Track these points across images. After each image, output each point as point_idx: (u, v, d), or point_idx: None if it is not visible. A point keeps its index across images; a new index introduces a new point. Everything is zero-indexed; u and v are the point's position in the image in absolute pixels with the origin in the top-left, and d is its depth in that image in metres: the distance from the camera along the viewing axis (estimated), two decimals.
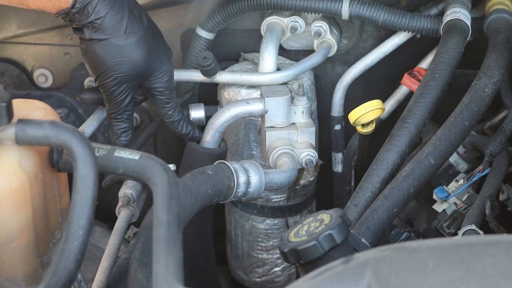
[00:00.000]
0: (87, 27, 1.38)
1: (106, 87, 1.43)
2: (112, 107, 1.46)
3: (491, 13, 1.55)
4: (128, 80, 1.42)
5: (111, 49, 1.39)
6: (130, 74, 1.42)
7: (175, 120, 1.52)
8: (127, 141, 1.51)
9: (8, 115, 0.99)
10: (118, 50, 1.39)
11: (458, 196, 1.43)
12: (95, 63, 1.41)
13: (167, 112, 1.51)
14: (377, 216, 1.21)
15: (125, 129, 1.49)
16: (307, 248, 1.03)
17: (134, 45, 1.40)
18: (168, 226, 0.98)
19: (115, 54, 1.40)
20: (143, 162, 1.06)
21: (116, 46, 1.39)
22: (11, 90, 1.85)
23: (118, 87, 1.42)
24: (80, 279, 1.28)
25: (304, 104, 1.53)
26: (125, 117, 1.48)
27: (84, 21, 1.37)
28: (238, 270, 1.78)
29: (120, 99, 1.44)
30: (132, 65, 1.41)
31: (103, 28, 1.38)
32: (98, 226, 1.79)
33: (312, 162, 1.52)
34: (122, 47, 1.40)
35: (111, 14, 1.37)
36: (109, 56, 1.40)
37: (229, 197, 1.36)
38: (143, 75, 1.44)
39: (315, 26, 1.67)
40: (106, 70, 1.41)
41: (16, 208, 1.01)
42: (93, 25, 1.37)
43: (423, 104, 1.38)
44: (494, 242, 0.88)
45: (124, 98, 1.44)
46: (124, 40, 1.39)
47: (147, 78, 1.46)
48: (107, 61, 1.40)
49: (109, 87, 1.42)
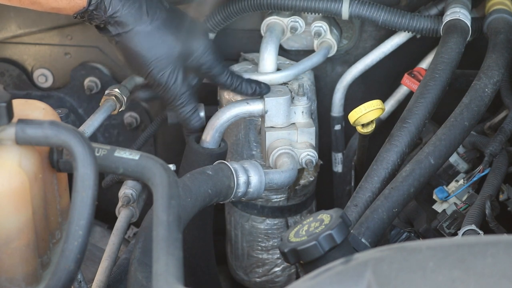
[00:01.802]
0: (109, 23, 1.37)
1: (151, 78, 1.41)
2: (168, 97, 1.44)
3: (491, 13, 1.55)
4: (169, 63, 1.41)
5: (139, 38, 1.38)
6: (167, 56, 1.40)
7: (237, 86, 1.51)
8: (200, 121, 1.50)
9: (8, 115, 0.99)
10: (146, 37, 1.38)
11: (458, 196, 1.43)
12: (131, 57, 1.40)
13: (226, 81, 1.50)
14: (377, 216, 1.21)
15: (191, 111, 1.48)
16: (307, 248, 1.03)
17: (161, 27, 1.39)
18: (168, 226, 0.98)
19: (145, 42, 1.39)
20: (143, 162, 1.06)
21: (143, 33, 1.38)
22: (11, 90, 1.85)
23: (163, 73, 1.41)
24: (80, 279, 1.28)
25: (304, 104, 1.53)
26: (185, 101, 1.46)
27: (104, 16, 1.36)
28: (238, 270, 1.78)
29: (170, 85, 1.42)
30: (165, 47, 1.40)
31: (124, 20, 1.37)
32: (98, 226, 1.79)
33: (312, 162, 1.52)
34: (149, 32, 1.38)
35: (128, 4, 1.36)
36: (140, 46, 1.39)
37: (229, 197, 1.36)
38: (182, 55, 1.42)
39: (315, 26, 1.67)
40: (143, 60, 1.40)
41: (16, 208, 1.01)
42: (114, 19, 1.37)
43: (423, 104, 1.38)
44: (494, 242, 0.88)
45: (174, 82, 1.42)
46: (150, 25, 1.38)
47: (188, 58, 1.43)
48: (140, 50, 1.39)
49: (153, 77, 1.41)
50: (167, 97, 1.46)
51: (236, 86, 1.51)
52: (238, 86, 1.51)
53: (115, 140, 1.90)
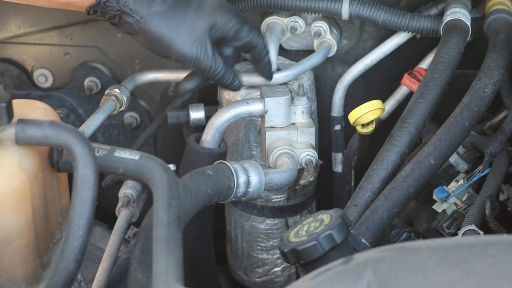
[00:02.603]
0: (124, 13, 1.35)
1: (180, 55, 1.39)
2: (203, 70, 1.42)
3: (491, 13, 1.55)
4: (193, 37, 1.38)
5: (157, 19, 1.37)
6: (189, 30, 1.38)
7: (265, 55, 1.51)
8: (239, 84, 1.50)
9: (8, 115, 0.99)
10: (163, 16, 1.37)
11: (458, 196, 1.43)
12: (154, 42, 1.39)
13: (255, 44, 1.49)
14: (377, 216, 1.21)
15: (230, 78, 1.47)
16: (307, 248, 1.03)
17: (176, 4, 1.37)
18: (168, 226, 0.98)
19: (164, 22, 1.37)
20: (143, 162, 1.06)
21: (159, 13, 1.36)
22: (11, 90, 1.85)
23: (190, 48, 1.39)
24: (80, 279, 1.28)
25: (304, 104, 1.53)
26: (221, 69, 1.44)
27: (117, 6, 1.35)
28: (238, 270, 1.78)
29: (200, 57, 1.40)
30: (185, 22, 1.38)
31: (138, 6, 1.35)
32: (98, 226, 1.79)
33: (312, 162, 1.52)
34: (165, 11, 1.37)
35: None
36: (160, 27, 1.37)
37: (229, 197, 1.36)
38: (204, 26, 1.40)
39: (315, 26, 1.67)
40: (167, 40, 1.38)
41: (16, 208, 1.01)
42: (128, 6, 1.35)
43: (423, 104, 1.38)
44: (494, 242, 0.88)
45: (204, 54, 1.40)
46: (164, 4, 1.37)
47: (212, 28, 1.41)
48: (161, 31, 1.37)
49: (181, 53, 1.39)
50: (202, 70, 1.43)
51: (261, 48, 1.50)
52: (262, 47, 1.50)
53: (115, 140, 1.90)
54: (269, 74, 1.55)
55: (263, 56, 1.52)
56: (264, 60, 1.52)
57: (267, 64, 1.53)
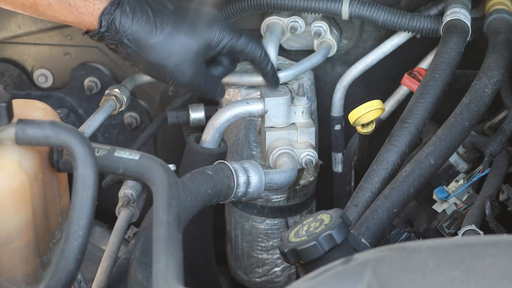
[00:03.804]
0: (121, 42, 1.37)
1: (178, 84, 1.42)
2: (198, 93, 1.47)
3: (491, 13, 1.55)
4: (190, 65, 1.40)
5: (155, 50, 1.38)
6: (186, 59, 1.39)
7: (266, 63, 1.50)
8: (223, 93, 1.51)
9: (8, 115, 0.99)
10: (161, 47, 1.38)
11: (458, 196, 1.43)
12: (151, 70, 1.41)
13: (254, 54, 1.48)
14: (377, 216, 1.21)
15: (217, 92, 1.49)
16: (307, 248, 1.03)
17: (173, 32, 1.38)
18: (168, 226, 0.98)
19: (162, 52, 1.38)
20: (143, 162, 1.06)
21: (157, 44, 1.37)
22: (11, 90, 1.85)
23: (187, 77, 1.41)
24: (80, 279, 1.28)
25: (304, 104, 1.53)
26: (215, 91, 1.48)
27: (116, 36, 1.36)
28: (238, 270, 1.78)
29: (199, 85, 1.43)
30: (182, 51, 1.39)
31: (136, 36, 1.37)
32: (98, 226, 1.79)
33: (312, 162, 1.52)
34: (163, 41, 1.38)
35: (136, 20, 1.36)
36: (158, 57, 1.38)
37: (229, 197, 1.36)
38: (200, 50, 1.41)
39: (315, 26, 1.67)
40: (164, 70, 1.40)
41: (16, 208, 1.01)
42: (126, 37, 1.36)
43: (423, 104, 1.38)
44: (494, 242, 0.88)
45: (201, 79, 1.42)
46: (160, 35, 1.38)
47: (208, 50, 1.42)
48: (158, 62, 1.39)
49: (180, 83, 1.42)
50: (194, 90, 1.47)
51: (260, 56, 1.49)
52: (261, 55, 1.49)
53: (115, 140, 1.90)
54: (273, 83, 1.54)
55: (264, 66, 1.50)
56: (265, 70, 1.51)
57: (269, 73, 1.52)
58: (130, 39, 1.37)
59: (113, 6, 1.35)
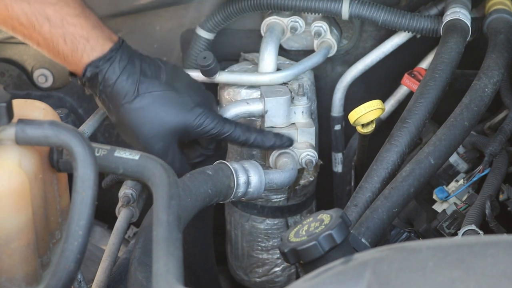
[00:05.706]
0: (101, 94, 1.35)
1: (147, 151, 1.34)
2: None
3: (491, 13, 1.55)
4: (160, 140, 1.37)
5: (130, 114, 1.35)
6: (158, 133, 1.36)
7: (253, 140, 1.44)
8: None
9: (8, 115, 0.99)
10: (136, 114, 1.35)
11: (458, 196, 1.43)
12: (123, 131, 1.38)
13: (238, 140, 1.43)
14: (377, 216, 1.21)
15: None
16: (307, 248, 1.03)
17: (151, 104, 1.35)
18: (168, 226, 0.98)
19: (136, 118, 1.35)
20: (143, 162, 1.07)
21: (133, 110, 1.35)
22: (11, 90, 1.85)
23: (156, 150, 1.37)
24: (80, 279, 1.28)
25: (304, 104, 1.53)
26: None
27: (96, 88, 1.34)
28: (238, 270, 1.78)
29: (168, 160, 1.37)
30: (155, 125, 1.35)
31: (115, 94, 1.34)
32: (98, 226, 1.79)
33: (312, 162, 1.52)
34: (138, 109, 1.35)
35: (121, 79, 1.33)
36: (132, 121, 1.36)
37: (229, 197, 1.36)
38: (175, 130, 1.37)
39: (315, 26, 1.67)
40: (135, 136, 1.37)
41: (16, 208, 1.01)
42: (106, 92, 1.34)
43: (423, 104, 1.38)
44: (494, 242, 0.88)
45: (170, 157, 1.38)
46: (139, 103, 1.34)
47: (184, 132, 1.38)
48: (131, 126, 1.36)
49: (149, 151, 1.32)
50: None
51: (252, 141, 1.44)
52: (254, 140, 1.44)
53: (115, 140, 1.90)
54: (261, 145, 1.46)
55: (240, 140, 1.43)
56: (246, 143, 1.44)
57: (253, 143, 1.45)
58: (109, 97, 1.35)
59: (101, 60, 1.32)
